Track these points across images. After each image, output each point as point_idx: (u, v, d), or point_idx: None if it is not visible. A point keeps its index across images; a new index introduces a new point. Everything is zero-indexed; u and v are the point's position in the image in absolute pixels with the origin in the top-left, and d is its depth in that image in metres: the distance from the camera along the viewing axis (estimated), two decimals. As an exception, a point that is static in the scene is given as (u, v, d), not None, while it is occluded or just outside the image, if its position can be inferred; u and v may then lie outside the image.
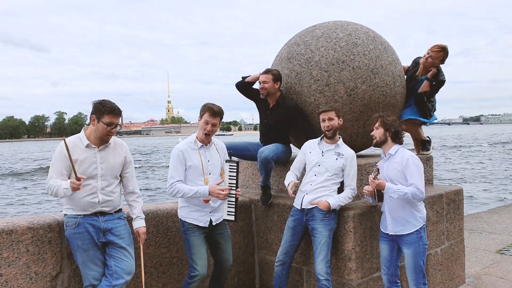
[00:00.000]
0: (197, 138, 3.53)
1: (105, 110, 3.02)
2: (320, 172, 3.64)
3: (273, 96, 4.16)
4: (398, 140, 3.47)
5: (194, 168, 3.45)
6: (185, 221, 3.51)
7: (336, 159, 3.64)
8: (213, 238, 3.62)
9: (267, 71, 4.13)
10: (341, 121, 3.72)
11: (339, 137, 3.76)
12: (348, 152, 3.69)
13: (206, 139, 3.50)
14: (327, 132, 3.67)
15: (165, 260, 3.81)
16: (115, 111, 3.05)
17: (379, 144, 3.51)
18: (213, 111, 3.42)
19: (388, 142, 3.46)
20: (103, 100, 3.07)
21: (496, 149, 41.87)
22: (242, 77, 4.40)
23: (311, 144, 3.81)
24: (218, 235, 3.62)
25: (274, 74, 4.10)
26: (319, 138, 3.80)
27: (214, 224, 3.55)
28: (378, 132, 3.47)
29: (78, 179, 2.86)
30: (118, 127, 3.10)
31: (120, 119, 3.12)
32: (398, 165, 3.36)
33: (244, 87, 4.40)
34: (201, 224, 3.50)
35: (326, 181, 3.61)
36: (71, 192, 2.89)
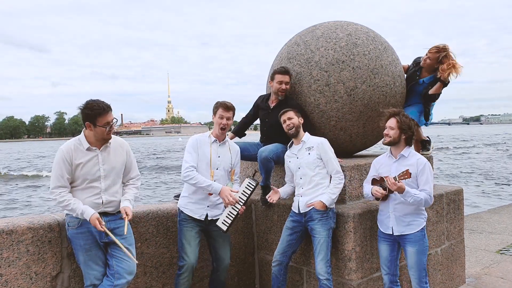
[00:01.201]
0: (212, 134, 3.72)
1: (96, 113, 2.96)
2: (303, 173, 3.66)
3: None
4: (409, 142, 3.45)
5: (202, 159, 3.59)
6: (182, 211, 3.64)
7: (309, 153, 3.65)
8: (210, 234, 3.69)
9: (286, 71, 4.08)
10: (301, 120, 3.74)
11: (304, 133, 3.76)
12: (316, 141, 3.69)
13: (222, 134, 3.71)
14: (289, 131, 3.70)
15: (165, 260, 3.81)
16: (105, 110, 2.99)
17: (391, 144, 3.45)
18: (226, 106, 3.66)
19: (401, 143, 3.43)
20: (87, 103, 2.98)
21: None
22: (233, 132, 4.61)
23: (287, 154, 3.86)
24: (215, 232, 3.66)
25: (291, 75, 4.13)
26: (288, 145, 3.85)
27: (209, 219, 3.62)
28: (394, 133, 3.39)
29: (103, 230, 2.97)
30: (115, 120, 3.06)
31: (113, 113, 3.06)
32: (413, 168, 3.32)
33: (241, 131, 4.63)
34: (196, 217, 3.59)
35: (314, 178, 3.62)
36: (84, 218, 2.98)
